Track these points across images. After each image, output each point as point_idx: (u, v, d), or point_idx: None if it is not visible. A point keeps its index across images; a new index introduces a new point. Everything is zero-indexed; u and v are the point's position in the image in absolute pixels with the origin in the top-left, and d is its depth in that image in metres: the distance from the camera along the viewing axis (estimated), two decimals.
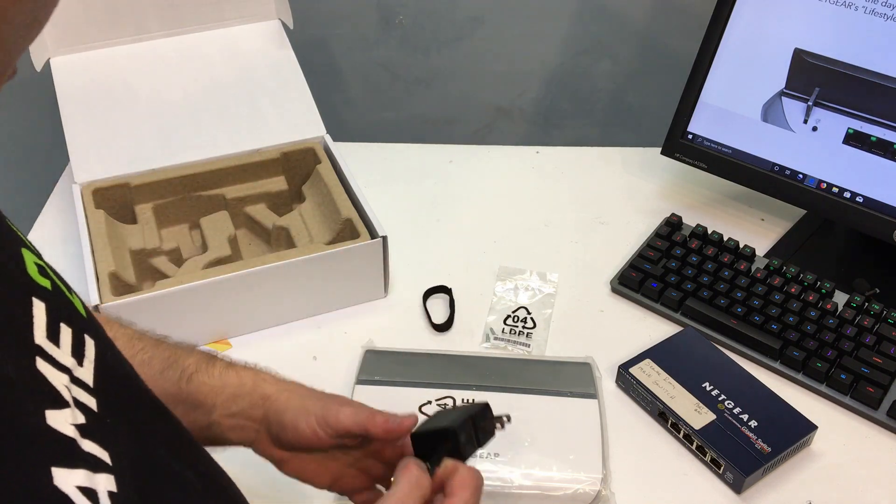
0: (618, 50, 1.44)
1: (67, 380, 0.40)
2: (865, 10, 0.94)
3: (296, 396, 0.65)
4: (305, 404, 0.64)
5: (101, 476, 0.38)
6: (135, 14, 1.10)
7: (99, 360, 0.44)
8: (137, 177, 1.02)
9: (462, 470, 0.57)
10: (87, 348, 0.44)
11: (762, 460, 0.79)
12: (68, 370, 0.41)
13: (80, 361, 0.43)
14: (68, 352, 0.42)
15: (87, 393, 0.41)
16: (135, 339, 0.67)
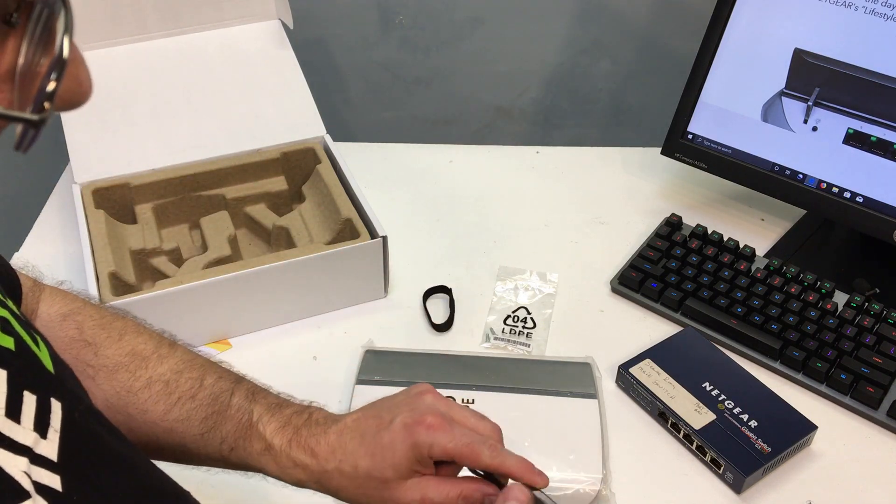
0: (618, 50, 1.44)
1: (27, 463, 0.39)
2: (865, 10, 0.94)
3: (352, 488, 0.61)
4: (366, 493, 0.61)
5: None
6: (135, 14, 1.10)
7: (66, 426, 0.42)
8: (137, 177, 1.02)
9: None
10: (52, 416, 0.42)
11: (762, 460, 0.79)
12: (28, 450, 0.39)
13: (44, 433, 0.41)
14: (30, 425, 0.40)
15: (51, 471, 0.40)
16: (172, 384, 0.64)
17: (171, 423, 0.62)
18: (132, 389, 0.63)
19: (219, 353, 0.94)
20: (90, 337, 0.64)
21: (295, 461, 0.62)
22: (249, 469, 0.64)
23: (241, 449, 0.63)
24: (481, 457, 0.58)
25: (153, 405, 0.62)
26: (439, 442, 0.58)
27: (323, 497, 0.80)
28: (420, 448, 0.59)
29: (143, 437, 0.63)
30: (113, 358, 0.63)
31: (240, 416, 0.63)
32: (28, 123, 0.34)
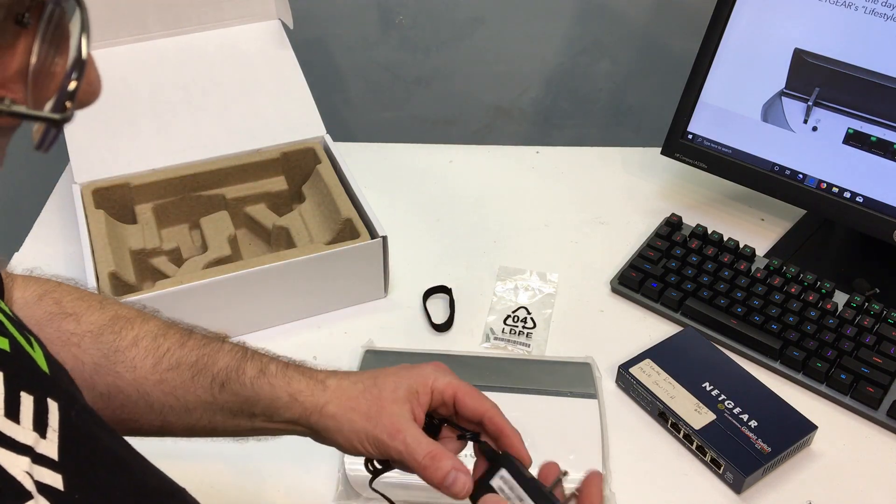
0: (618, 50, 1.44)
1: (28, 462, 0.39)
2: (865, 10, 0.94)
3: (344, 416, 0.61)
4: (355, 427, 0.61)
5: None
6: (135, 14, 1.10)
7: (63, 425, 0.43)
8: (137, 177, 1.02)
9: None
10: (50, 416, 0.42)
11: (762, 460, 0.79)
12: (29, 449, 0.40)
13: (44, 433, 0.41)
14: (30, 425, 0.40)
15: (52, 469, 0.40)
16: (160, 337, 0.64)
17: (161, 373, 0.62)
18: (119, 348, 0.63)
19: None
20: (70, 308, 0.64)
21: (290, 378, 0.62)
22: (240, 403, 0.63)
23: (234, 381, 0.62)
24: (484, 400, 0.61)
25: (141, 360, 0.62)
26: (444, 378, 0.61)
27: (322, 498, 0.81)
28: (424, 376, 0.61)
29: (133, 394, 0.62)
30: (96, 322, 0.63)
31: (233, 352, 0.64)
32: (50, 123, 0.34)
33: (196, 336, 0.65)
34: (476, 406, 0.62)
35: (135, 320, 0.65)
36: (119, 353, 0.63)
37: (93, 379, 0.62)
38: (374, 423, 0.59)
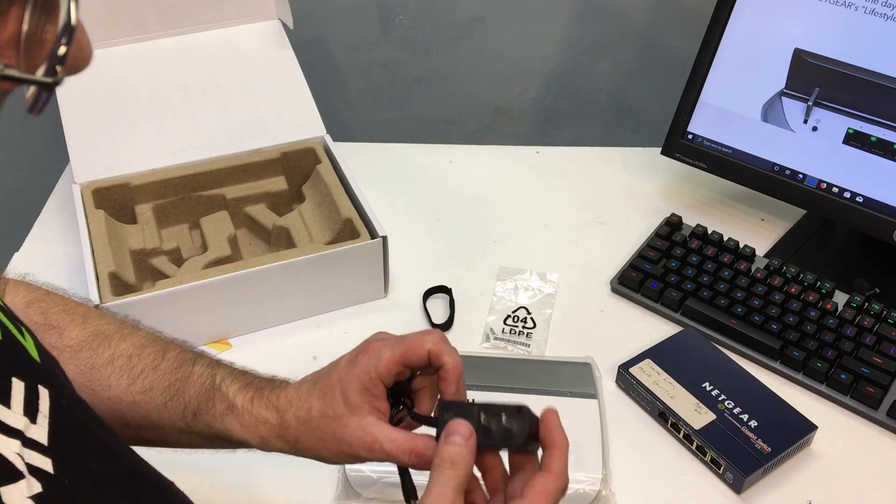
0: (618, 50, 1.44)
1: (19, 445, 0.40)
2: (865, 10, 0.94)
3: (317, 446, 0.61)
4: (332, 452, 0.61)
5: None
6: (135, 14, 1.10)
7: (53, 412, 0.43)
8: (137, 177, 1.02)
9: (545, 475, 0.56)
10: (40, 401, 0.43)
11: (762, 460, 0.79)
12: (20, 433, 0.40)
13: (34, 418, 0.42)
14: (20, 410, 0.41)
15: (42, 454, 0.41)
16: (135, 357, 0.64)
17: (134, 395, 0.63)
18: (95, 366, 0.63)
19: (219, 353, 0.93)
20: (54, 321, 0.65)
21: (257, 418, 0.62)
22: (213, 434, 0.63)
23: (205, 412, 0.62)
24: (424, 344, 0.59)
25: (116, 380, 0.63)
26: (382, 357, 0.59)
27: (322, 498, 0.81)
28: (366, 372, 0.59)
29: (107, 413, 0.63)
30: (76, 338, 0.64)
31: (202, 380, 0.63)
32: (42, 86, 0.36)
33: (169, 357, 0.65)
34: (419, 357, 0.60)
35: (112, 337, 0.65)
36: (94, 370, 0.63)
37: None
38: (347, 444, 0.59)
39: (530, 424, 0.57)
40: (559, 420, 0.59)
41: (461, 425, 0.55)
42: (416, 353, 0.59)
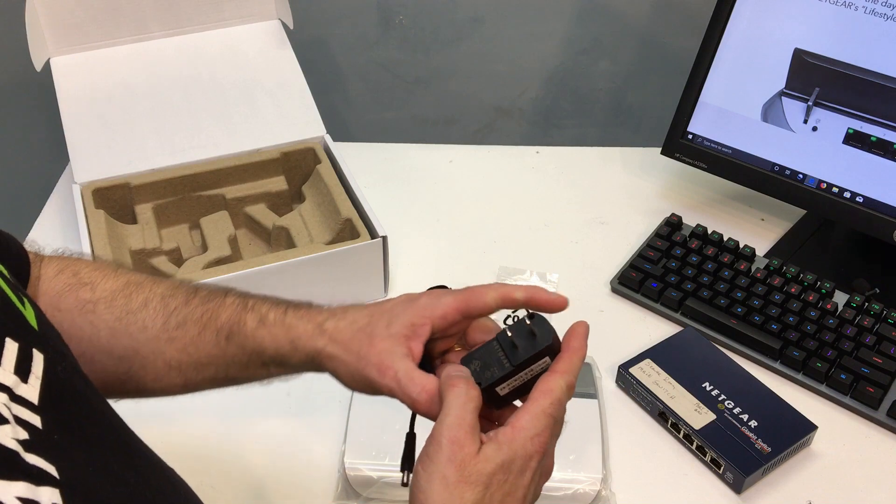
0: (618, 50, 1.44)
1: (7, 398, 0.40)
2: (865, 10, 0.94)
3: (339, 358, 0.59)
4: (349, 368, 0.59)
5: (46, 489, 0.38)
6: (135, 14, 1.10)
7: (47, 375, 0.44)
8: (137, 177, 1.02)
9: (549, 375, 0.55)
10: (34, 364, 0.44)
11: (762, 460, 0.79)
12: (8, 389, 0.41)
13: (25, 378, 0.42)
14: (11, 369, 0.42)
15: (31, 411, 0.41)
16: (168, 298, 0.65)
17: (170, 331, 0.63)
18: (130, 310, 0.64)
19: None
20: (86, 278, 0.65)
21: (289, 325, 0.61)
22: (247, 355, 0.62)
23: (237, 333, 0.62)
24: (485, 295, 0.59)
25: (151, 321, 0.63)
26: (442, 299, 0.59)
27: (322, 498, 0.80)
28: (423, 308, 0.59)
29: (149, 354, 0.63)
30: (110, 289, 0.65)
31: (234, 305, 0.63)
32: None
33: (202, 293, 0.65)
34: (485, 304, 0.59)
35: (145, 283, 0.66)
36: (130, 314, 0.64)
37: (109, 343, 0.63)
38: (365, 362, 0.58)
39: (550, 330, 0.58)
40: (585, 331, 0.61)
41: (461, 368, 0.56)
42: (478, 301, 0.59)
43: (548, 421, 0.53)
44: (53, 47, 1.08)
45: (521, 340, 0.57)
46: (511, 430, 0.53)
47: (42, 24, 1.07)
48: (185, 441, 0.84)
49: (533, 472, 0.53)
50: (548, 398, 0.54)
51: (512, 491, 0.52)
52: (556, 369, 0.56)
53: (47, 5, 1.06)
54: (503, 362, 0.57)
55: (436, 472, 0.51)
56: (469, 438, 0.52)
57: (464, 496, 0.51)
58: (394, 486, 0.78)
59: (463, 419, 0.52)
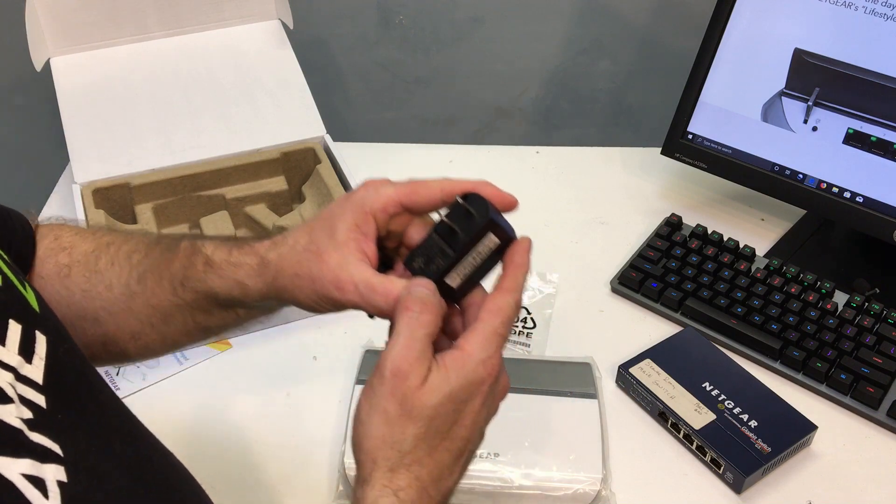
0: (618, 50, 1.44)
1: (12, 378, 0.41)
2: (865, 10, 0.94)
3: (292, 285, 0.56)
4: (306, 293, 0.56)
5: (50, 466, 0.38)
6: (135, 14, 1.10)
7: (50, 357, 0.44)
8: (137, 177, 1.02)
9: (495, 293, 0.53)
10: (37, 345, 0.44)
11: (762, 460, 0.79)
12: (13, 369, 0.41)
13: (29, 359, 0.43)
14: (15, 349, 0.42)
15: (35, 391, 0.42)
16: (133, 254, 0.63)
17: (132, 286, 0.62)
18: (98, 270, 0.63)
19: (219, 353, 0.94)
20: (66, 243, 0.65)
21: (234, 263, 0.58)
22: (202, 300, 0.60)
23: (190, 279, 0.60)
24: (429, 186, 0.54)
25: (117, 278, 0.62)
26: (382, 191, 0.54)
27: (322, 498, 0.80)
28: (360, 205, 0.54)
29: (119, 312, 0.62)
30: (85, 252, 0.65)
31: (186, 251, 0.61)
32: None
33: (162, 243, 0.63)
34: (429, 196, 0.55)
35: (115, 242, 0.65)
36: (98, 274, 0.63)
37: (82, 305, 0.63)
38: (321, 282, 0.54)
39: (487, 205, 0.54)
40: (529, 246, 0.58)
41: (423, 280, 0.52)
42: (425, 193, 0.54)
43: (498, 342, 0.51)
44: (53, 47, 1.08)
45: (460, 223, 0.53)
46: (461, 355, 0.50)
47: (42, 24, 1.07)
48: (184, 441, 0.84)
49: (484, 396, 0.51)
50: (497, 318, 0.51)
51: (459, 419, 0.50)
52: (502, 287, 0.54)
53: (47, 5, 1.06)
54: (446, 251, 0.53)
55: (377, 405, 0.49)
56: (414, 369, 0.48)
57: (405, 432, 0.48)
58: None
59: (410, 348, 0.49)
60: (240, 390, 0.90)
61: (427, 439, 0.49)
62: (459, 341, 0.51)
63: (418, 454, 0.49)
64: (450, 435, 0.50)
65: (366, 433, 0.49)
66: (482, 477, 0.77)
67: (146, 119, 1.06)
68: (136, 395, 0.89)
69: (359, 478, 0.50)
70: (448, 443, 0.50)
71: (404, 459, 0.49)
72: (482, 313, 0.52)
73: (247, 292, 0.58)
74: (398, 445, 0.49)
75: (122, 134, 1.05)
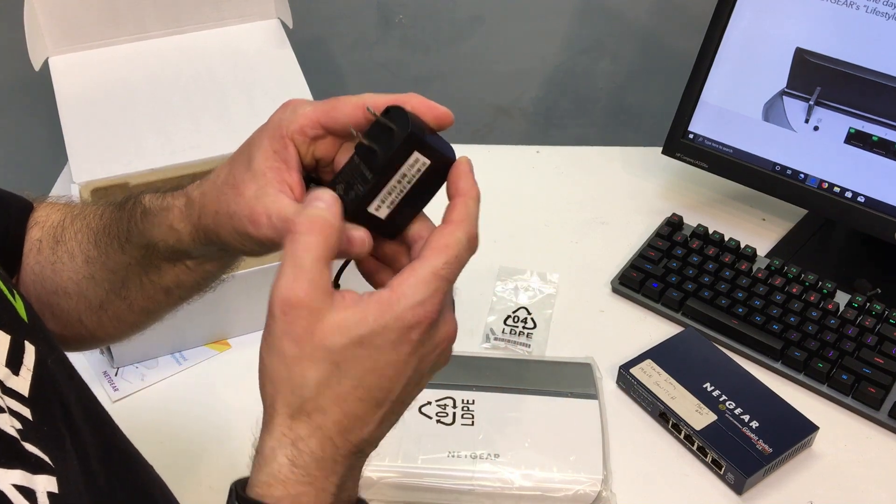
0: (618, 49, 1.44)
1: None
2: (867, 9, 0.94)
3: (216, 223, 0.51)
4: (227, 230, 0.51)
5: (42, 477, 0.38)
6: (134, 14, 1.09)
7: (38, 367, 0.43)
8: (136, 176, 1.02)
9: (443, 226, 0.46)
10: (25, 356, 0.43)
11: (763, 461, 0.79)
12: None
13: (16, 370, 0.42)
14: (2, 361, 0.41)
15: (21, 403, 0.41)
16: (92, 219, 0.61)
17: (88, 252, 0.60)
18: (61, 240, 0.62)
19: (219, 353, 0.93)
20: (40, 218, 0.65)
21: (163, 207, 0.55)
22: (147, 254, 0.57)
23: (132, 232, 0.57)
24: (349, 101, 0.47)
25: (77, 247, 0.61)
26: (299, 110, 0.49)
27: None
28: (276, 128, 0.50)
29: (83, 282, 0.61)
30: (54, 225, 0.63)
31: (130, 207, 0.58)
32: None
33: (112, 206, 0.61)
34: (349, 112, 0.48)
35: (82, 211, 0.63)
36: (62, 244, 0.62)
37: (52, 280, 0.61)
38: (237, 218, 0.48)
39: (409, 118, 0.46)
40: (470, 168, 0.50)
41: (324, 192, 0.45)
42: (345, 109, 0.48)
43: (438, 284, 0.44)
44: (52, 46, 1.08)
45: (380, 143, 0.46)
46: (388, 296, 0.43)
47: (41, 24, 1.06)
48: (183, 441, 0.84)
49: (413, 344, 0.44)
50: (441, 256, 0.44)
51: (378, 367, 0.43)
52: (450, 219, 0.46)
53: (46, 4, 1.06)
54: (365, 175, 0.46)
55: (273, 345, 0.43)
56: (305, 302, 0.42)
57: (305, 375, 0.43)
58: (394, 487, 0.78)
59: (296, 277, 0.42)
60: (239, 390, 0.90)
61: (332, 385, 0.43)
62: (392, 281, 0.44)
63: (321, 401, 0.43)
64: (364, 383, 0.43)
65: (265, 374, 0.44)
66: (482, 478, 0.77)
67: (145, 119, 1.06)
68: (135, 395, 0.88)
69: (262, 423, 0.45)
70: (361, 391, 0.44)
71: (305, 406, 0.43)
72: (424, 250, 0.45)
73: (180, 238, 0.54)
74: (299, 390, 0.43)
75: (121, 133, 1.05)
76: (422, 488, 0.78)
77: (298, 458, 0.43)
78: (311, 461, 0.44)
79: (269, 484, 0.43)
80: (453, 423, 0.81)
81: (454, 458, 0.78)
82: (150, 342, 0.87)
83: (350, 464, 0.46)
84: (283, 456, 0.43)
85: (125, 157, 1.03)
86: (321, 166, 0.51)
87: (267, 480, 0.43)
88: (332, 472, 0.44)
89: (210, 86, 1.10)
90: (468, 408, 0.83)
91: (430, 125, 0.49)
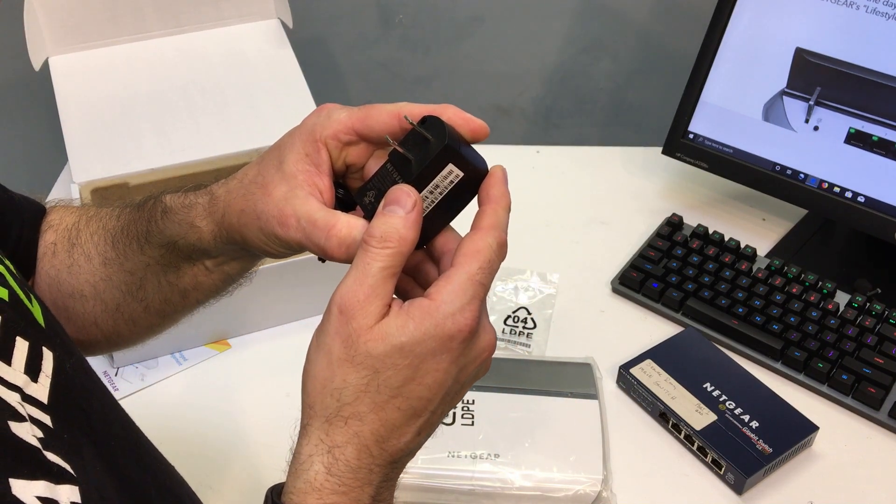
0: (618, 49, 1.44)
1: (19, 398, 0.39)
2: (867, 9, 0.94)
3: (241, 223, 0.51)
4: (253, 230, 0.51)
5: (64, 487, 0.37)
6: (134, 13, 1.09)
7: (56, 373, 0.43)
8: (136, 176, 1.02)
9: (472, 233, 0.46)
10: (43, 361, 0.43)
11: (763, 461, 0.79)
12: (19, 389, 0.40)
13: (35, 377, 0.41)
14: (21, 368, 0.41)
15: (41, 410, 0.40)
16: (108, 221, 0.62)
17: (105, 253, 0.61)
18: (77, 243, 0.62)
19: (219, 353, 0.93)
20: (54, 222, 0.65)
21: (188, 205, 0.55)
22: (167, 253, 0.57)
23: (152, 232, 0.57)
24: (385, 109, 0.48)
25: (94, 249, 0.61)
26: (334, 116, 0.50)
27: None
28: (309, 132, 0.50)
29: (100, 284, 0.61)
30: (68, 228, 0.64)
31: (149, 207, 0.58)
32: None
33: (129, 207, 0.61)
34: (384, 121, 0.48)
35: (97, 213, 0.63)
36: (78, 246, 0.62)
37: (69, 283, 0.62)
38: (265, 217, 0.49)
39: (446, 130, 0.46)
40: (504, 176, 0.50)
41: (403, 193, 0.44)
42: (380, 117, 0.48)
43: (475, 290, 0.45)
44: (52, 46, 1.08)
45: (415, 153, 0.46)
46: (427, 304, 0.44)
47: (41, 24, 1.06)
48: (184, 442, 0.84)
49: (454, 354, 0.44)
50: (475, 262, 0.44)
51: (417, 376, 0.44)
52: (480, 226, 0.46)
53: (46, 4, 1.06)
54: (398, 183, 0.46)
55: (323, 343, 0.44)
56: (363, 307, 0.43)
57: (346, 378, 0.43)
58: None
59: (360, 282, 0.43)
60: (240, 390, 0.90)
61: (371, 393, 0.43)
62: (430, 290, 0.44)
63: (359, 407, 0.43)
64: (402, 392, 0.44)
65: (309, 373, 0.45)
66: (482, 478, 0.77)
67: (145, 118, 1.06)
68: (135, 395, 0.88)
69: (301, 426, 0.46)
70: (399, 400, 0.44)
71: (342, 411, 0.44)
72: (457, 257, 0.45)
73: (201, 236, 0.54)
74: (338, 393, 0.44)
75: (121, 133, 1.05)
76: (422, 488, 0.78)
77: (334, 466, 0.44)
78: (346, 470, 0.44)
79: (305, 492, 0.44)
80: (453, 422, 0.81)
81: (454, 458, 0.78)
82: (150, 342, 0.87)
83: (385, 474, 0.46)
84: (319, 463, 0.44)
85: (125, 157, 1.03)
86: (350, 172, 0.51)
87: (303, 488, 0.44)
88: (367, 483, 0.45)
89: (210, 86, 1.10)
90: (468, 408, 0.83)
91: (466, 137, 0.49)
